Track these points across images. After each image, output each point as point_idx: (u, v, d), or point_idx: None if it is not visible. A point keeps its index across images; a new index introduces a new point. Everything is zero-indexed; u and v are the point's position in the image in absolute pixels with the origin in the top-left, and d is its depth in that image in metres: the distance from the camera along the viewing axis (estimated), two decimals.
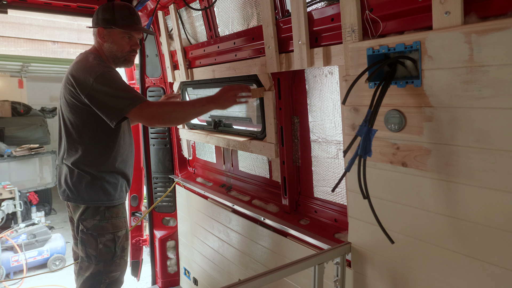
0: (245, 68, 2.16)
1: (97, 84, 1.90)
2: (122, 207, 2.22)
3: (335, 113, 1.85)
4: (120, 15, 2.08)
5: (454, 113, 1.13)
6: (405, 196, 1.31)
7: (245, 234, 2.38)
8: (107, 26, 2.09)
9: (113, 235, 2.13)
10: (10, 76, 8.92)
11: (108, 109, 1.92)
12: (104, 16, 2.09)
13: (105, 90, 1.90)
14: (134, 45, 2.16)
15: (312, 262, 1.43)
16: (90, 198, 2.09)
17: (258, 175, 2.48)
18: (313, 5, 1.72)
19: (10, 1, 2.47)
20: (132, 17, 2.12)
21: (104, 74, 1.93)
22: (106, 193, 2.12)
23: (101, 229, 2.10)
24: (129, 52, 2.16)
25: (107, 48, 2.13)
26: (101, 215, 2.10)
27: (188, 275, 3.22)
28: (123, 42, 2.12)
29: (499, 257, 1.08)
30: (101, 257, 2.10)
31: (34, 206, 6.82)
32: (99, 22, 2.11)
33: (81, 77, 1.95)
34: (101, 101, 1.92)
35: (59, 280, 4.81)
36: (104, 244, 2.10)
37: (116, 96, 1.90)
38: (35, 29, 7.40)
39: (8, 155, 6.69)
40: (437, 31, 1.13)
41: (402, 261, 1.35)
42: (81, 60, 2.06)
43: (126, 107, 1.89)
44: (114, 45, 2.12)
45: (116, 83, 1.94)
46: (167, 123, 2.04)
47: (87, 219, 2.09)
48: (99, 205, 2.10)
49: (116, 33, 2.10)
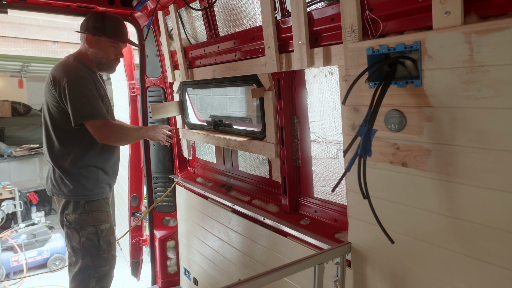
0: (245, 68, 2.16)
1: (68, 86, 2.07)
2: (103, 201, 2.30)
3: (335, 113, 1.84)
4: (110, 25, 2.26)
5: (454, 113, 1.13)
6: (405, 196, 1.31)
7: (245, 234, 2.38)
8: (96, 33, 2.24)
9: (95, 228, 2.21)
10: (10, 76, 8.93)
11: (72, 110, 2.08)
12: (95, 24, 2.24)
13: (74, 93, 2.07)
14: (119, 54, 2.35)
15: (312, 262, 1.43)
16: (70, 193, 2.19)
17: (258, 175, 2.48)
18: (313, 5, 1.72)
19: (10, 1, 2.47)
20: (121, 29, 2.31)
21: (78, 79, 2.11)
22: (84, 188, 2.21)
23: (82, 222, 2.19)
24: (113, 60, 2.34)
25: (93, 54, 2.27)
26: (82, 208, 2.20)
27: (188, 275, 3.22)
28: (109, 51, 2.29)
29: (499, 257, 1.08)
30: (85, 251, 2.18)
31: (34, 206, 6.82)
32: (89, 29, 2.25)
33: (57, 76, 2.12)
34: (70, 99, 2.08)
35: (59, 280, 4.81)
36: (87, 237, 2.18)
37: (82, 103, 2.08)
38: (35, 29, 7.40)
39: (8, 155, 6.69)
40: (437, 31, 1.13)
41: (402, 261, 1.35)
42: (62, 62, 2.23)
43: (87, 117, 2.08)
44: (100, 52, 2.27)
45: (86, 92, 2.12)
46: (111, 142, 2.25)
47: (70, 213, 2.19)
48: (78, 200, 2.19)
49: (104, 42, 2.26)
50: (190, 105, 3.11)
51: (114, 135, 2.21)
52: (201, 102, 3.43)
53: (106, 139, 2.18)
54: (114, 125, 2.21)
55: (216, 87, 2.77)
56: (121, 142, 2.38)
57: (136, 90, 3.50)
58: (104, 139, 2.17)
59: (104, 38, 2.25)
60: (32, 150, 6.95)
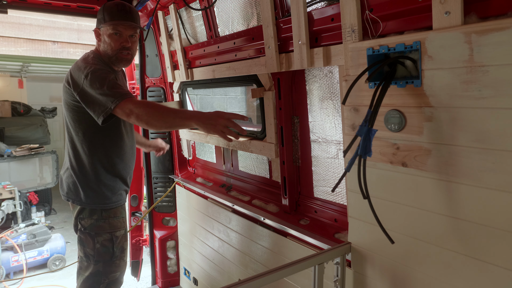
0: (245, 68, 2.15)
1: (87, 81, 1.91)
2: (120, 208, 2.22)
3: (335, 113, 1.85)
4: (107, 12, 2.07)
5: (454, 113, 1.13)
6: (405, 196, 1.31)
7: (245, 234, 2.38)
8: (99, 25, 2.11)
9: (111, 235, 2.13)
10: (10, 76, 8.92)
11: (95, 105, 1.90)
12: (98, 16, 2.12)
13: (94, 86, 1.89)
14: (124, 42, 2.09)
15: (312, 262, 1.43)
16: (87, 200, 2.10)
17: (258, 175, 2.48)
18: (313, 5, 1.72)
19: (10, 1, 2.47)
20: (119, 13, 2.07)
21: (95, 71, 1.94)
22: (103, 197, 2.12)
23: (98, 228, 2.10)
24: (119, 50, 2.09)
25: (102, 48, 2.13)
26: (99, 214, 2.11)
27: (188, 275, 3.22)
28: (112, 40, 2.07)
29: (499, 257, 1.08)
30: (99, 257, 2.10)
31: (34, 206, 6.81)
32: (96, 24, 2.14)
33: (75, 75, 1.98)
34: (89, 97, 1.91)
35: (59, 280, 4.81)
36: (102, 243, 2.10)
37: (103, 93, 1.88)
38: (35, 29, 7.40)
39: (8, 155, 6.69)
40: (437, 31, 1.13)
41: (402, 261, 1.35)
42: (79, 59, 2.09)
43: (111, 104, 1.85)
44: (105, 44, 2.10)
45: (105, 80, 1.91)
46: (143, 123, 1.88)
47: (85, 218, 2.10)
48: (95, 207, 2.11)
49: (105, 31, 2.08)
50: (190, 105, 3.11)
51: (137, 114, 1.83)
52: (201, 102, 3.44)
53: (130, 118, 1.85)
54: (134, 102, 1.87)
55: (216, 87, 2.77)
56: (152, 125, 1.90)
57: (136, 90, 3.51)
58: (128, 118, 1.86)
59: (105, 28, 2.07)
60: (32, 150, 6.94)
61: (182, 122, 1.86)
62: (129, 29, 2.09)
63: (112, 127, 2.10)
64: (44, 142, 7.89)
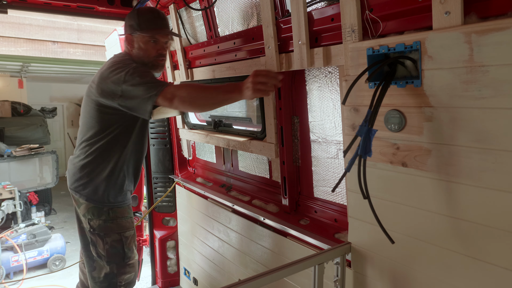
0: (245, 68, 2.15)
1: (128, 76, 1.87)
2: (127, 208, 2.21)
3: (335, 113, 1.85)
4: (143, 19, 2.05)
5: (454, 113, 1.13)
6: (405, 196, 1.31)
7: (245, 234, 2.38)
8: (132, 32, 2.07)
9: (120, 236, 2.11)
10: (10, 76, 8.92)
11: (138, 98, 1.85)
12: (130, 22, 2.08)
13: (135, 81, 1.86)
14: (161, 49, 2.10)
15: (312, 262, 1.43)
16: (95, 197, 2.09)
17: (258, 175, 2.48)
18: (313, 5, 1.72)
19: (10, 1, 2.47)
20: (155, 21, 2.07)
21: (135, 67, 1.92)
22: (112, 196, 2.11)
23: (107, 229, 2.09)
24: (156, 57, 2.10)
25: (135, 54, 2.09)
26: (106, 215, 2.09)
27: (188, 275, 3.22)
28: (148, 47, 2.06)
29: (499, 257, 1.08)
30: (109, 258, 2.09)
31: (34, 206, 6.81)
32: (127, 29, 2.10)
33: (112, 78, 1.92)
34: (132, 92, 1.86)
35: (59, 280, 4.80)
36: (111, 244, 2.09)
37: (145, 82, 1.85)
38: (35, 29, 7.41)
39: (8, 155, 6.69)
40: (437, 31, 1.13)
41: (402, 261, 1.35)
42: (114, 61, 2.04)
43: (155, 91, 1.81)
44: (140, 51, 2.07)
45: (146, 73, 1.91)
46: (187, 105, 1.86)
47: (93, 219, 2.09)
48: (101, 206, 2.10)
49: (140, 38, 2.06)
50: None
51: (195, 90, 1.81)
52: None
53: (173, 102, 1.79)
54: (174, 86, 1.83)
55: None
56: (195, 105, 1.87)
57: None
58: (171, 102, 1.79)
59: (140, 35, 2.05)
60: (32, 150, 6.94)
61: (225, 97, 1.79)
62: (165, 36, 2.11)
63: (138, 128, 2.13)
64: (44, 142, 7.89)
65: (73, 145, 11.07)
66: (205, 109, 2.17)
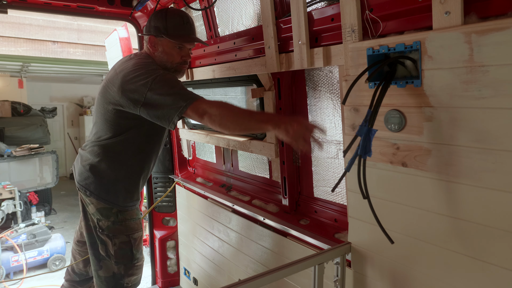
0: (245, 68, 2.15)
1: (154, 84, 1.78)
2: (136, 210, 2.20)
3: (335, 113, 1.85)
4: (172, 24, 1.98)
5: (454, 113, 1.13)
6: (405, 196, 1.31)
7: (245, 234, 2.38)
8: (158, 34, 1.99)
9: (128, 237, 2.10)
10: (10, 76, 8.93)
11: (164, 109, 1.76)
12: (156, 24, 2.00)
13: (162, 90, 1.77)
14: (185, 56, 2.05)
15: (312, 262, 1.43)
16: (106, 197, 2.06)
17: (258, 175, 2.48)
18: (313, 5, 1.72)
19: (10, 1, 2.47)
20: (184, 27, 2.01)
21: (163, 74, 1.85)
22: (124, 198, 2.10)
23: (115, 230, 2.08)
24: (180, 63, 2.05)
25: (158, 57, 2.03)
26: (115, 217, 2.08)
27: (188, 275, 3.22)
28: (173, 53, 2.01)
29: (499, 257, 1.08)
30: (118, 259, 2.09)
31: (34, 206, 6.82)
32: (151, 30, 2.02)
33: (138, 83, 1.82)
34: (157, 102, 1.77)
35: (59, 280, 4.80)
36: (119, 246, 2.08)
37: (174, 93, 1.76)
38: (35, 29, 7.41)
39: (8, 155, 6.69)
40: (437, 31, 1.13)
41: (402, 261, 1.35)
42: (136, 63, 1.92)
43: (184, 103, 1.73)
44: (164, 55, 2.02)
45: (175, 82, 1.83)
46: (216, 125, 1.72)
47: (102, 219, 2.07)
48: (111, 207, 2.08)
49: (166, 43, 2.00)
50: None
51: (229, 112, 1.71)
52: None
53: (203, 118, 1.71)
54: (206, 102, 1.74)
55: (216, 87, 2.77)
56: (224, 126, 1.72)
57: None
58: (201, 118, 1.72)
59: (166, 39, 1.98)
60: (32, 150, 6.95)
61: (257, 125, 1.70)
62: (192, 44, 2.07)
63: (157, 133, 2.11)
64: (44, 142, 7.90)
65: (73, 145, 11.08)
66: (234, 132, 2.06)
